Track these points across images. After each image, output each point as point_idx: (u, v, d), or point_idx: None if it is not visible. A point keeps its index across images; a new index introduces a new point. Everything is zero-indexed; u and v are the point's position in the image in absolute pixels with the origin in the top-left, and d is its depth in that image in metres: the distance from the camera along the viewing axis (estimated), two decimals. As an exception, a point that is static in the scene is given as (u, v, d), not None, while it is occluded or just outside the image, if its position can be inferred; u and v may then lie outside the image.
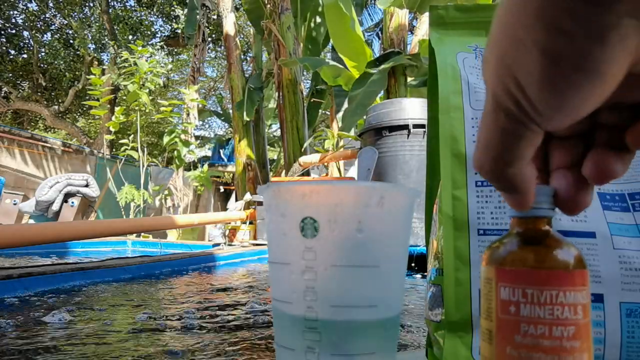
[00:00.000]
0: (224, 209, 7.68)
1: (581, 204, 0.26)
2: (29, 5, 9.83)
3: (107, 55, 10.04)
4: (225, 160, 9.60)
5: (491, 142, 0.23)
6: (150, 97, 5.41)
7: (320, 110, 7.01)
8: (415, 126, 2.60)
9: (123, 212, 4.97)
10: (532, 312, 0.26)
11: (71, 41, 9.91)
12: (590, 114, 0.25)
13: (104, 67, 9.65)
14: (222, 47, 9.09)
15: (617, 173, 0.24)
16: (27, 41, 10.16)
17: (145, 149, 5.38)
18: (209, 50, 10.29)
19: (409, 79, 4.67)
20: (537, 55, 0.18)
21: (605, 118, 0.25)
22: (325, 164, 4.78)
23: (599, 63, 0.18)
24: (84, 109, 11.10)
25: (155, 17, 10.64)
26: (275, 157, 9.61)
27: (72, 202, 4.58)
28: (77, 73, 10.34)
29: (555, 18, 0.17)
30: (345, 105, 4.45)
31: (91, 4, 9.98)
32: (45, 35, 10.35)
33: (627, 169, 0.25)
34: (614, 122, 0.25)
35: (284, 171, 5.60)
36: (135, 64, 4.88)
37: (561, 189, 0.27)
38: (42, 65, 10.38)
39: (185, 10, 8.22)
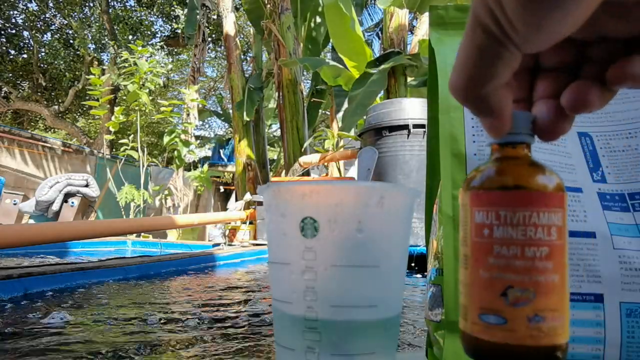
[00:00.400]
0: (224, 209, 7.68)
1: (558, 130, 0.26)
2: (29, 5, 9.83)
3: (107, 55, 10.05)
4: (225, 160, 9.60)
5: (468, 61, 0.22)
6: (150, 97, 5.41)
7: (320, 110, 7.02)
8: (415, 126, 2.60)
9: (123, 212, 4.97)
10: (505, 233, 0.26)
11: (71, 41, 9.91)
12: (578, 47, 0.25)
13: (104, 67, 9.65)
14: (222, 47, 9.09)
15: (593, 104, 0.24)
16: (27, 41, 10.17)
17: (145, 149, 5.38)
18: (209, 50, 10.29)
19: (409, 79, 4.67)
20: None
21: (594, 52, 0.25)
22: (325, 164, 4.78)
23: None
24: (84, 109, 11.10)
25: (155, 17, 10.64)
26: (275, 157, 9.61)
27: (72, 202, 4.58)
28: (77, 73, 10.34)
29: None
30: (345, 105, 4.45)
31: (91, 4, 9.98)
32: (45, 35, 10.35)
33: (604, 104, 0.25)
34: (602, 57, 0.24)
35: (284, 171, 5.61)
36: (135, 64, 4.88)
37: (540, 115, 0.26)
38: (42, 65, 10.38)
39: (185, 10, 8.22)
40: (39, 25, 10.07)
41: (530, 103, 0.28)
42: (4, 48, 9.85)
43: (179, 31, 9.63)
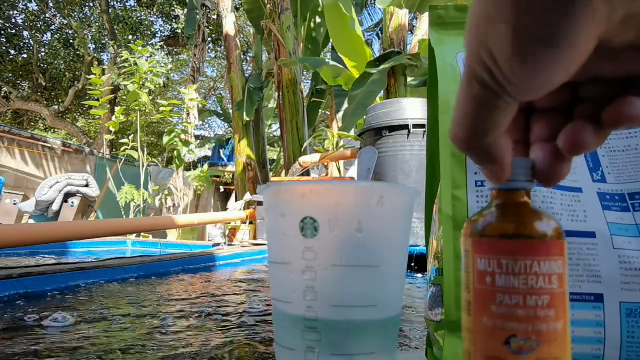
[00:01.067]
0: (224, 209, 7.68)
1: (557, 175, 0.26)
2: (29, 5, 9.83)
3: (107, 55, 10.05)
4: (225, 160, 9.60)
5: (466, 112, 0.23)
6: (150, 97, 5.41)
7: (320, 110, 7.01)
8: (415, 126, 2.60)
9: (123, 212, 4.97)
10: (507, 282, 0.26)
11: (71, 41, 9.91)
12: (572, 88, 0.26)
13: (104, 67, 9.65)
14: (222, 47, 9.09)
15: (590, 145, 0.24)
16: (27, 41, 10.16)
17: (145, 149, 5.38)
18: (209, 50, 10.29)
19: (409, 79, 4.67)
20: (506, 29, 0.19)
21: (586, 92, 0.25)
22: (325, 164, 4.78)
23: (566, 36, 0.18)
24: (84, 109, 11.10)
25: (155, 17, 10.64)
26: (275, 157, 9.61)
27: (72, 202, 4.58)
28: (77, 73, 10.34)
29: None
30: (345, 105, 4.45)
31: (91, 4, 9.98)
32: (45, 35, 10.35)
33: (600, 144, 0.25)
34: (594, 97, 0.25)
35: (284, 171, 5.60)
36: (136, 64, 4.88)
37: (539, 160, 0.27)
38: (42, 65, 10.38)
39: (185, 10, 8.21)
40: (39, 25, 10.07)
41: (527, 144, 0.28)
42: (4, 48, 9.84)
43: (179, 31, 9.63)
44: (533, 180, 0.27)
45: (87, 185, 4.74)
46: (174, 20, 10.14)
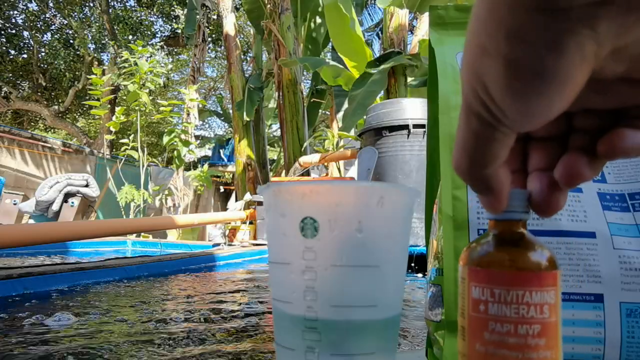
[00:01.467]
0: (224, 209, 7.68)
1: (554, 206, 0.27)
2: (29, 5, 9.82)
3: (107, 55, 10.05)
4: (225, 160, 9.60)
5: (466, 144, 0.24)
6: (150, 97, 5.41)
7: (320, 110, 7.01)
8: (415, 126, 2.60)
9: (123, 212, 4.97)
10: (499, 310, 0.27)
11: (71, 41, 9.90)
12: (567, 118, 0.26)
13: (104, 67, 9.65)
14: (222, 47, 9.08)
15: (586, 177, 0.25)
16: (27, 41, 10.16)
17: (145, 149, 5.38)
18: (209, 50, 10.29)
19: (409, 79, 4.67)
20: (500, 63, 0.19)
21: (580, 123, 0.26)
22: (325, 164, 4.78)
23: (557, 70, 0.19)
24: (84, 109, 11.10)
25: (155, 17, 10.64)
26: (275, 157, 9.61)
27: (72, 202, 4.58)
28: (77, 73, 10.33)
29: (515, 28, 0.18)
30: (345, 105, 4.45)
31: (91, 4, 9.98)
32: (45, 35, 10.35)
33: (597, 174, 0.25)
34: (588, 128, 0.25)
35: (284, 171, 5.60)
36: (136, 64, 4.88)
37: (535, 191, 0.27)
38: (42, 65, 10.38)
39: (185, 10, 8.21)
40: (39, 25, 10.06)
41: (525, 172, 0.29)
42: (4, 48, 9.84)
43: (179, 31, 9.63)
44: (529, 212, 0.28)
45: (87, 185, 4.74)
46: (174, 20, 10.14)
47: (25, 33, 10.01)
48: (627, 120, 0.23)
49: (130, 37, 9.80)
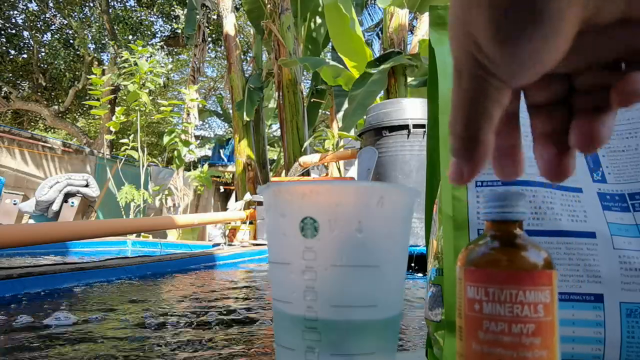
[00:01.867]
0: (224, 209, 7.67)
1: (565, 171, 0.26)
2: (29, 5, 9.82)
3: (107, 55, 10.04)
4: (225, 160, 9.60)
5: (459, 104, 0.23)
6: (150, 97, 5.41)
7: (320, 110, 7.01)
8: (415, 126, 2.60)
9: (123, 212, 4.97)
10: (494, 309, 0.27)
11: (71, 41, 9.90)
12: (565, 80, 0.25)
13: (104, 67, 9.65)
14: (222, 47, 9.08)
15: (604, 138, 0.24)
16: (27, 41, 10.16)
17: (145, 149, 5.38)
18: (209, 50, 10.29)
19: (409, 79, 4.66)
20: (487, 10, 0.19)
21: (581, 82, 0.25)
22: (325, 164, 4.78)
23: (546, 11, 0.18)
24: (84, 109, 11.10)
25: (155, 17, 10.64)
26: (275, 157, 9.61)
27: (72, 202, 4.58)
28: (77, 73, 10.33)
29: None
30: (345, 105, 4.45)
31: (91, 4, 9.98)
32: (45, 35, 10.34)
33: (611, 133, 0.24)
34: (590, 87, 0.24)
35: (284, 171, 5.60)
36: (136, 64, 4.88)
37: (545, 157, 0.26)
38: (42, 65, 10.38)
39: (185, 10, 8.21)
40: (39, 25, 10.06)
41: (521, 149, 0.28)
42: (4, 48, 9.84)
43: (179, 31, 9.63)
44: (525, 212, 0.29)
45: (87, 185, 4.74)
46: (174, 20, 10.14)
47: (25, 33, 10.01)
48: (637, 65, 0.22)
49: (130, 37, 9.80)
